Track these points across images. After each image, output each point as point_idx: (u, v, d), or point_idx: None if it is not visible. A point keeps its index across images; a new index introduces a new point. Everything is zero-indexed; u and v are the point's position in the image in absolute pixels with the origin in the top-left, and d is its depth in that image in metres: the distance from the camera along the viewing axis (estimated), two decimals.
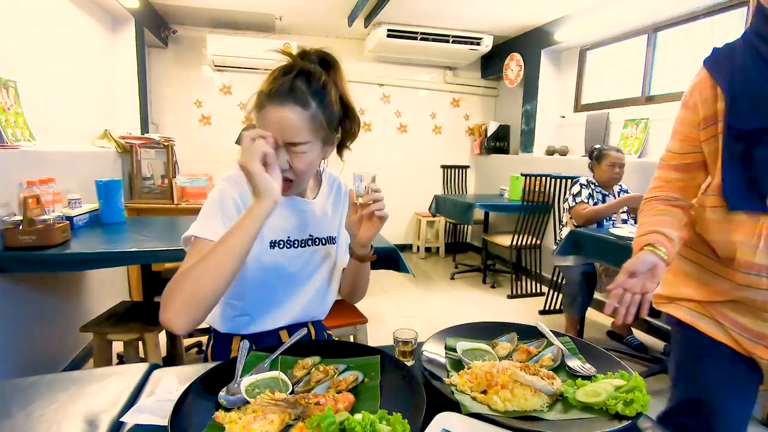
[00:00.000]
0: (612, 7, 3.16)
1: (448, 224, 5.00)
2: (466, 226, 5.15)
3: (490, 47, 4.23)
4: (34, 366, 1.88)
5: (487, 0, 3.36)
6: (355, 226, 0.92)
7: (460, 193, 4.99)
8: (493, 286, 3.89)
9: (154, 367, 0.82)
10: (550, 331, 0.90)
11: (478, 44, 4.19)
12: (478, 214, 4.29)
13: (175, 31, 4.13)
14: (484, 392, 0.69)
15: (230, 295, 0.96)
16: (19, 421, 0.65)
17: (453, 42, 4.14)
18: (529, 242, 3.55)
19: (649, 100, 3.20)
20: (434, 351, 0.83)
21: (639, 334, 2.80)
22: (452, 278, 4.12)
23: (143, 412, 0.66)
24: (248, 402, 0.64)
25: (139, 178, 3.03)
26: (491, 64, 4.79)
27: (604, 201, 2.65)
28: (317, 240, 1.01)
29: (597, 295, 3.31)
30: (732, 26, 2.69)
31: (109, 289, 2.65)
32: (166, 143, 3.04)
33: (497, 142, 4.77)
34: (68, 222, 1.84)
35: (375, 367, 0.76)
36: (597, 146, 2.68)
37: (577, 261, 2.56)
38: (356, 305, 3.15)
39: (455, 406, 0.65)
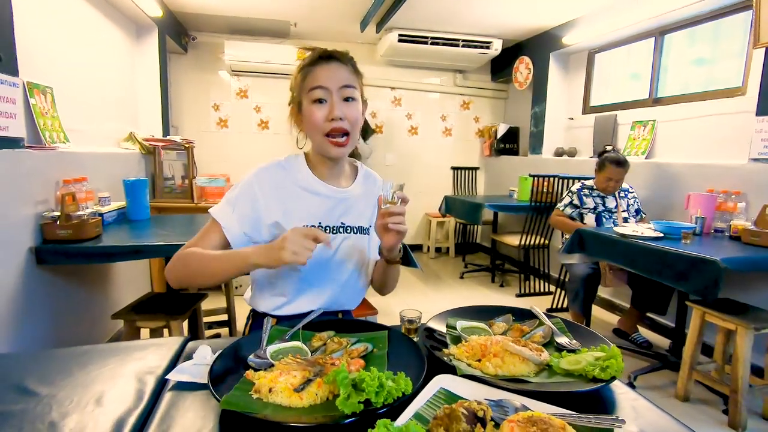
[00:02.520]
0: (619, 11, 3.22)
1: (458, 225, 5.08)
2: (475, 226, 5.22)
3: (499, 51, 4.31)
4: None
5: (496, 5, 3.45)
6: (380, 231, 0.97)
7: (470, 194, 5.07)
8: (501, 286, 3.96)
9: (188, 339, 0.93)
10: (544, 312, 0.98)
11: (488, 48, 4.27)
12: (488, 214, 4.36)
13: (195, 37, 4.30)
14: (479, 361, 0.78)
15: (267, 274, 1.05)
16: (79, 378, 0.76)
17: (463, 46, 4.23)
18: (537, 242, 3.61)
19: (656, 102, 3.25)
20: (436, 328, 0.93)
21: (644, 332, 2.85)
22: (461, 277, 4.20)
23: (184, 372, 0.76)
24: (273, 365, 0.75)
25: (161, 179, 3.18)
26: (501, 67, 4.87)
27: (603, 203, 2.72)
28: (348, 228, 1.06)
29: (603, 294, 3.37)
30: (736, 29, 2.73)
31: (133, 282, 2.80)
32: (186, 145, 3.18)
33: (506, 144, 4.84)
34: (100, 218, 1.98)
35: (383, 340, 0.86)
36: (608, 147, 2.74)
37: (582, 259, 2.63)
38: (368, 299, 3.26)
39: (453, 371, 0.74)
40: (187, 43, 4.29)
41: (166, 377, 0.76)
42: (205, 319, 2.33)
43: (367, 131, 4.38)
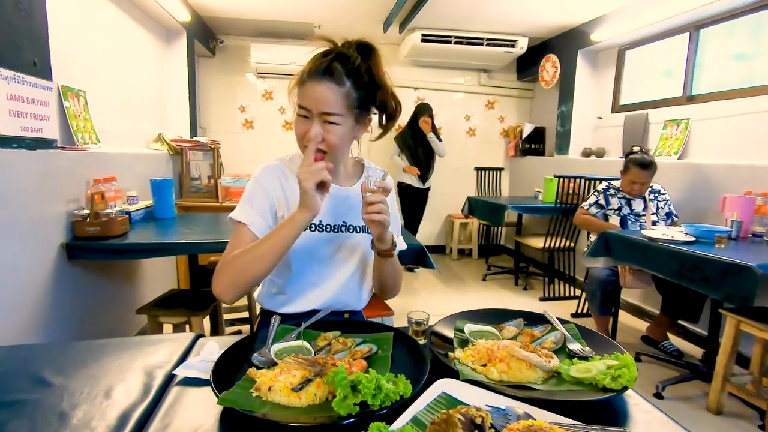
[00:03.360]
0: (652, 5, 3.10)
1: (481, 226, 5.00)
2: (499, 228, 5.13)
3: (525, 49, 4.22)
4: None
5: (521, 2, 3.38)
6: (365, 220, 0.94)
7: (494, 196, 4.98)
8: (525, 289, 3.88)
9: (198, 336, 0.95)
10: (557, 318, 0.95)
11: (513, 46, 4.19)
12: (512, 216, 4.28)
13: (222, 41, 4.41)
14: (485, 366, 0.76)
15: (273, 271, 1.05)
16: (93, 370, 0.79)
17: (487, 45, 4.17)
18: (562, 245, 3.51)
19: (691, 99, 3.10)
20: (443, 331, 0.91)
21: (675, 340, 2.72)
22: (484, 280, 4.13)
23: (191, 368, 0.78)
24: (276, 364, 0.75)
25: (187, 179, 3.27)
26: (527, 66, 4.77)
27: (629, 206, 2.61)
28: (350, 227, 1.06)
29: (632, 299, 3.24)
30: None
31: (159, 278, 2.89)
32: (212, 146, 3.26)
33: (532, 144, 4.74)
34: (127, 216, 2.06)
35: (388, 341, 0.85)
36: (635, 148, 2.62)
37: (608, 263, 2.54)
38: (385, 301, 3.24)
39: (457, 376, 0.73)
40: (215, 46, 4.40)
41: (173, 373, 0.77)
42: (227, 316, 2.38)
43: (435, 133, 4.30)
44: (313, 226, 1.02)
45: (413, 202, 4.46)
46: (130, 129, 2.81)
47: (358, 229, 1.07)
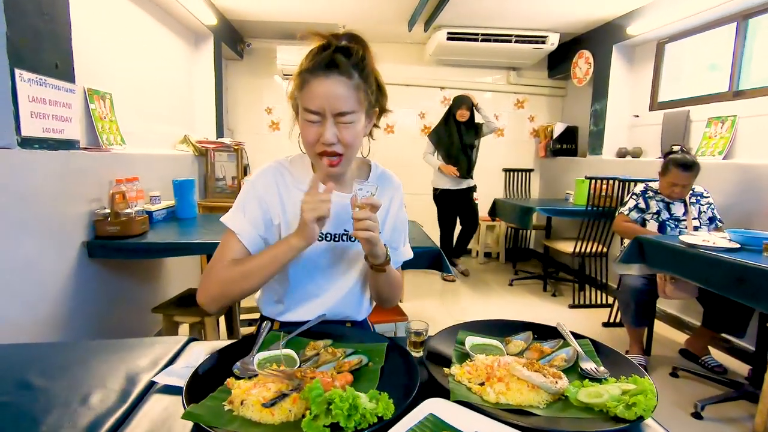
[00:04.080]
0: None
1: (509, 229, 4.85)
2: (528, 231, 4.96)
3: (556, 45, 4.05)
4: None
5: None
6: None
7: (524, 198, 4.82)
8: (554, 295, 3.71)
9: (191, 340, 0.92)
10: (571, 332, 0.86)
11: (543, 43, 4.03)
12: (542, 219, 4.12)
13: (250, 44, 4.48)
14: (482, 385, 0.69)
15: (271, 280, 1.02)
16: (76, 374, 0.77)
17: (516, 42, 4.03)
18: (593, 250, 3.33)
19: (738, 95, 2.87)
20: (443, 343, 0.84)
21: (718, 355, 2.51)
22: (510, 285, 3.99)
23: (172, 375, 0.75)
24: (257, 374, 0.71)
25: (212, 179, 3.32)
26: (558, 63, 4.58)
27: (669, 210, 2.43)
28: (352, 236, 0.99)
29: (670, 309, 3.03)
30: None
31: (181, 278, 2.94)
32: (236, 147, 3.30)
33: (564, 144, 4.55)
34: (147, 215, 2.09)
35: (381, 353, 0.79)
36: (675, 148, 2.44)
37: (643, 270, 2.38)
38: (405, 304, 3.17)
39: (449, 395, 0.66)
40: (243, 49, 4.47)
41: (153, 379, 0.74)
42: (243, 316, 2.38)
43: (478, 130, 3.90)
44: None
45: (453, 207, 4.00)
46: (157, 130, 2.88)
47: None
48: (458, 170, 3.80)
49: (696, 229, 2.39)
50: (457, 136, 3.83)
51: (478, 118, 3.91)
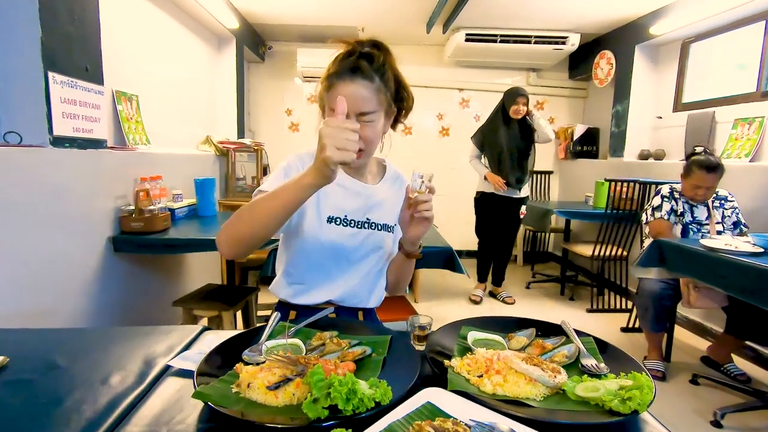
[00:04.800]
0: None
1: (527, 232, 4.80)
2: (546, 234, 4.89)
3: (576, 46, 4.00)
4: None
5: None
6: (405, 222, 0.98)
7: (542, 200, 4.76)
8: (572, 299, 3.66)
9: (205, 329, 0.97)
10: (575, 329, 0.87)
11: (563, 43, 3.99)
12: (560, 222, 4.06)
13: (271, 47, 4.57)
14: (481, 377, 0.71)
15: (289, 262, 1.08)
16: (99, 356, 0.83)
17: (535, 42, 4.00)
18: (613, 253, 3.27)
19: (766, 95, 2.78)
20: (446, 337, 0.86)
21: (742, 363, 2.44)
22: (527, 287, 3.95)
23: (186, 360, 0.79)
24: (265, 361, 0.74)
25: (233, 179, 3.41)
26: (579, 64, 4.52)
27: (692, 214, 2.37)
28: (373, 225, 1.07)
29: (691, 314, 2.96)
30: None
31: (202, 273, 3.02)
32: (256, 147, 3.38)
33: (584, 146, 4.48)
34: (169, 212, 2.17)
35: (384, 345, 0.81)
36: (698, 149, 2.37)
37: (661, 274, 2.33)
38: (420, 305, 3.19)
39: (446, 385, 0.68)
40: (264, 52, 4.57)
41: (169, 363, 0.79)
42: (260, 313, 2.44)
43: (532, 133, 3.26)
44: (338, 219, 1.04)
45: (494, 215, 3.36)
46: (180, 131, 2.98)
47: (380, 227, 1.09)
48: (506, 182, 3.20)
49: (719, 233, 2.32)
50: (506, 138, 3.20)
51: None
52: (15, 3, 1.47)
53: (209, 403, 0.60)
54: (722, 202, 2.39)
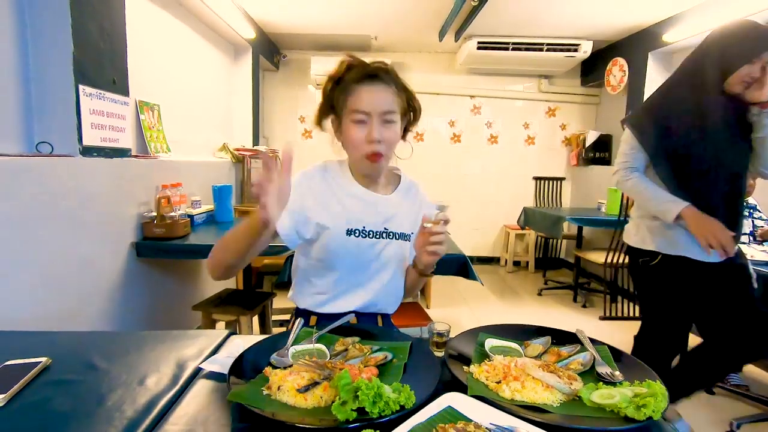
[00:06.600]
0: None
1: (539, 238, 4.79)
2: (558, 241, 4.89)
3: (588, 53, 4.01)
4: None
5: (584, 4, 3.22)
6: (419, 247, 1.02)
7: (555, 206, 4.76)
8: (584, 306, 3.65)
9: (231, 333, 1.01)
10: (589, 338, 0.89)
11: (576, 50, 4.00)
12: (573, 229, 4.06)
13: (285, 55, 4.65)
14: (499, 383, 0.73)
15: (311, 273, 1.12)
16: (134, 358, 0.87)
17: (548, 50, 4.02)
18: (626, 260, 3.25)
19: None
20: (464, 344, 0.89)
21: (761, 374, 2.41)
22: (540, 294, 3.95)
23: (215, 363, 0.83)
24: (292, 365, 0.78)
25: (248, 185, 3.48)
26: (591, 70, 4.52)
27: None
28: (391, 234, 1.11)
29: None
30: None
31: None
32: (271, 154, 3.44)
33: (597, 153, 4.47)
34: (189, 219, 2.23)
35: (405, 350, 0.85)
36: None
37: None
38: (433, 311, 3.21)
39: (467, 391, 0.71)
40: (279, 61, 4.66)
41: (200, 366, 0.83)
42: (275, 317, 2.48)
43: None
44: (357, 231, 1.07)
45: (692, 295, 1.58)
46: (198, 139, 3.05)
47: (397, 236, 1.12)
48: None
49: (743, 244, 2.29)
50: (724, 136, 1.47)
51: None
52: (50, 21, 1.55)
53: (244, 403, 0.64)
54: (751, 211, 2.35)
